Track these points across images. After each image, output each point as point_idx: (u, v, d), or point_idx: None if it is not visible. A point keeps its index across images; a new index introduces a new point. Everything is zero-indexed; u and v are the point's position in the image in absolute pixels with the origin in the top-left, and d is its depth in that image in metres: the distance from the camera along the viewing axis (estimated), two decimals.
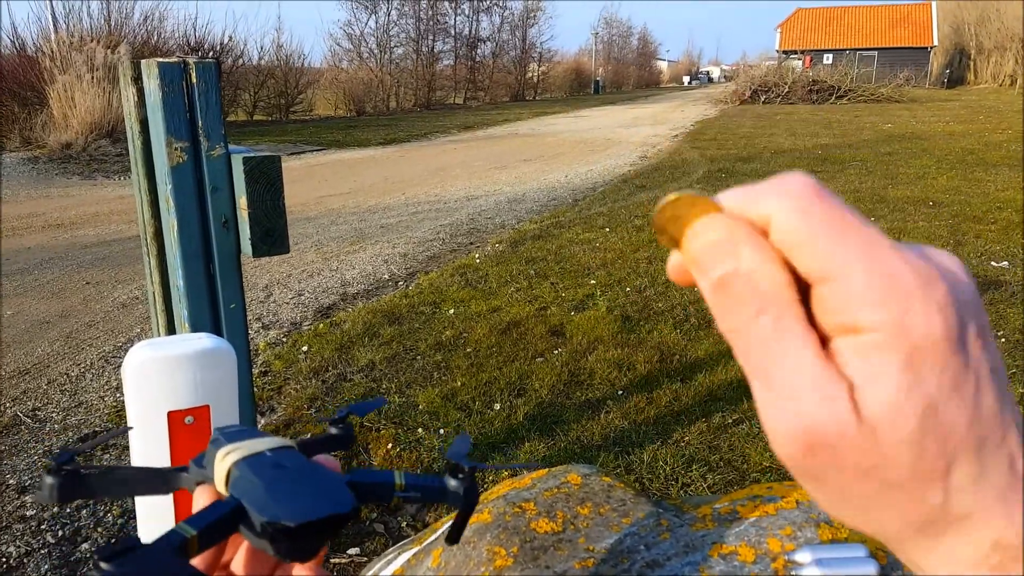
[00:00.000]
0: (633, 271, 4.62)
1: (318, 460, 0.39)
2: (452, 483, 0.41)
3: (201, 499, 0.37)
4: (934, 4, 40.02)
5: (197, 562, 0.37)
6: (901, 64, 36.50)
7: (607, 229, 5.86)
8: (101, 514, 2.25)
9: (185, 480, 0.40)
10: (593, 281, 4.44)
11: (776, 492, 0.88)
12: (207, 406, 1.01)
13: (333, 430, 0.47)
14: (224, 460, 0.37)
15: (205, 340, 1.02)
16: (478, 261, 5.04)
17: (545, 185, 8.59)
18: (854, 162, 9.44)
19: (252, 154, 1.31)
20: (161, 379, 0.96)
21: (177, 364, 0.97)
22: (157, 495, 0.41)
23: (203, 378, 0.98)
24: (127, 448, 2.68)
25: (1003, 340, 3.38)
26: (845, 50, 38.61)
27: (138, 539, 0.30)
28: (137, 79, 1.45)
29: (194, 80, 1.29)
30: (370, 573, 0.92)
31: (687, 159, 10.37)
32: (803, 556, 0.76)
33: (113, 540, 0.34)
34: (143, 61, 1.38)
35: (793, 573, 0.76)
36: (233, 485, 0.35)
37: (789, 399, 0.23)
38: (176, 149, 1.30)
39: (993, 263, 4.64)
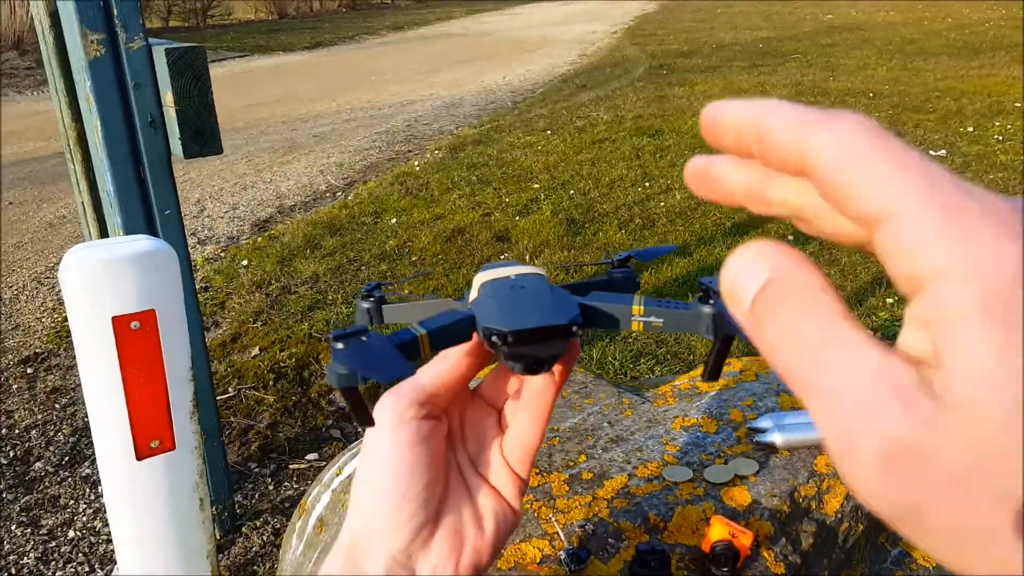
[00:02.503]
0: (576, 173, 4.60)
1: None
2: (704, 309, 0.34)
3: None
4: None
5: (462, 362, 0.40)
6: None
7: (549, 132, 5.77)
8: (51, 434, 2.20)
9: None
10: (536, 185, 4.41)
11: (735, 367, 0.92)
12: (153, 310, 0.97)
13: (615, 273, 0.45)
14: (476, 284, 0.40)
15: (145, 242, 0.96)
16: (418, 169, 4.92)
17: (483, 88, 8.34)
18: (795, 55, 9.44)
19: (174, 45, 1.21)
20: (104, 283, 0.91)
21: (119, 266, 0.92)
22: None
23: (147, 281, 0.93)
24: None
25: None
26: None
27: (365, 328, 0.33)
28: None
29: None
30: (326, 477, 0.92)
31: (627, 56, 10.19)
32: (765, 423, 0.80)
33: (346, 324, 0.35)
34: None
35: (756, 439, 0.79)
36: (474, 303, 0.38)
37: (852, 410, 0.19)
38: (92, 42, 1.18)
39: (932, 152, 4.80)
